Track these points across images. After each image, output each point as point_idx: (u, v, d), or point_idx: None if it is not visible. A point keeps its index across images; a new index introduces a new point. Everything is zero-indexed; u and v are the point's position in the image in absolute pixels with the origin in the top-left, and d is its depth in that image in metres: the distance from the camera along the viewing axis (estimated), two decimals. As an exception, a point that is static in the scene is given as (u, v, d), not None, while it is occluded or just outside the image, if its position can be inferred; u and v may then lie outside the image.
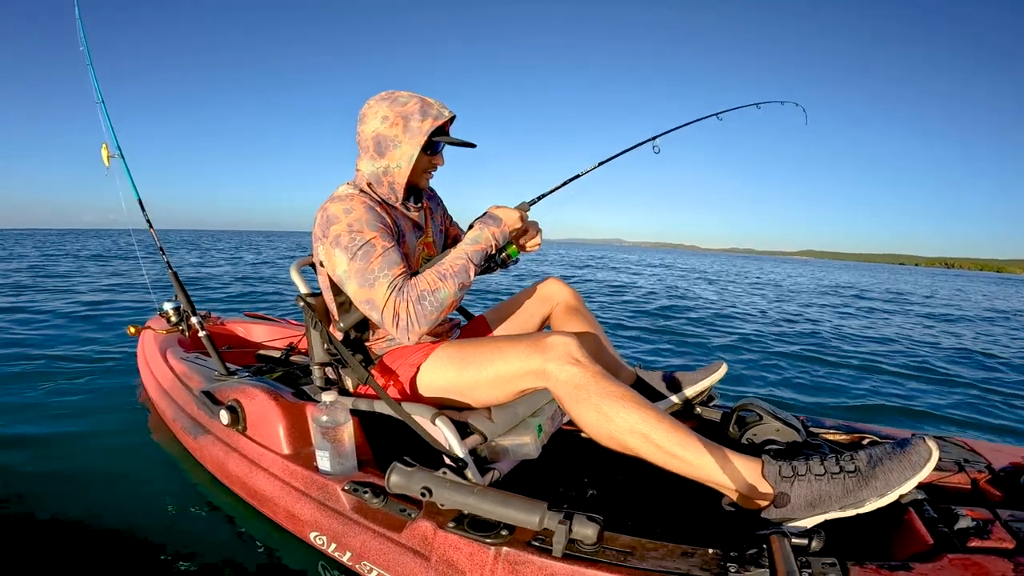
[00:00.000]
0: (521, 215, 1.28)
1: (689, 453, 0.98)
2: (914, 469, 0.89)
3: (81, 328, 3.81)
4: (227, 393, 1.50)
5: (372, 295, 1.11)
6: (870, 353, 4.41)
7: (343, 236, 1.13)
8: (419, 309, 1.09)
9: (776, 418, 1.35)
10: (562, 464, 1.51)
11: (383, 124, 1.20)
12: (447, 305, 1.13)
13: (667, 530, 1.23)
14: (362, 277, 1.11)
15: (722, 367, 1.52)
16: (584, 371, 1.05)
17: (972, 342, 5.52)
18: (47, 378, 2.61)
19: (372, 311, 1.12)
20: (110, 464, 1.76)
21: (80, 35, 1.82)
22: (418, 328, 1.10)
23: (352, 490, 1.13)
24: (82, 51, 1.83)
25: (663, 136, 1.50)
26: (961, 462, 1.19)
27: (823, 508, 0.91)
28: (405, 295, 1.10)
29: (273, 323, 2.52)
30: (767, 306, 7.95)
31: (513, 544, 0.91)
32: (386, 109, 1.20)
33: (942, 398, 3.16)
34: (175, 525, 1.43)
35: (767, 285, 13.57)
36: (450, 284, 1.13)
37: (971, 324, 7.45)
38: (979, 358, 4.57)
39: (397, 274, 1.11)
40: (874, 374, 3.68)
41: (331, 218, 1.15)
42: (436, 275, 1.13)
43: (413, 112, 1.19)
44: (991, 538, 0.87)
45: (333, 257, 1.15)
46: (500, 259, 1.30)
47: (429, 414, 1.15)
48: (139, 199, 1.96)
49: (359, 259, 1.11)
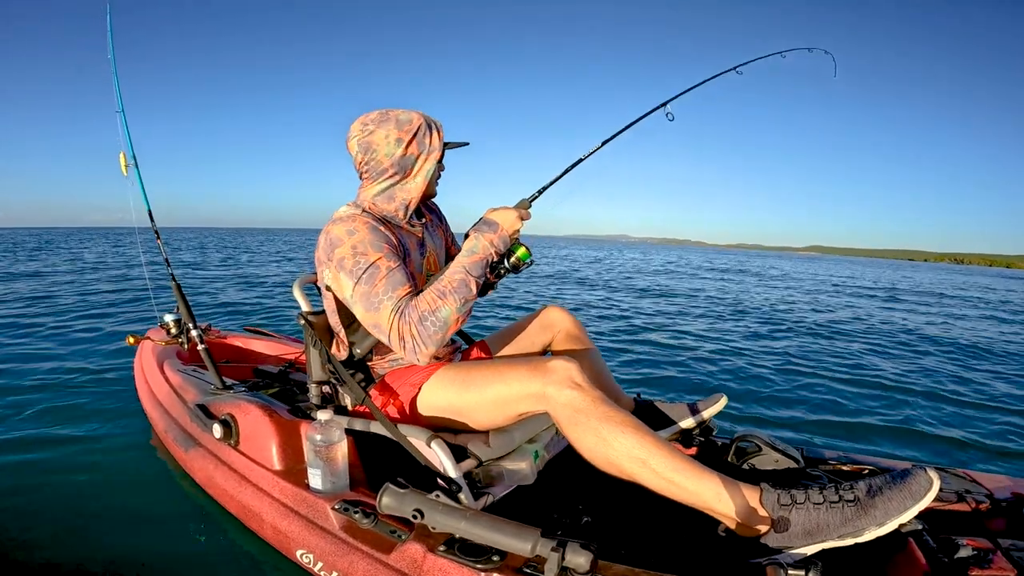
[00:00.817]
0: (520, 214, 1.23)
1: (687, 480, 0.97)
2: (914, 499, 0.88)
3: (80, 336, 3.80)
4: (221, 407, 1.49)
5: (378, 319, 1.09)
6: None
7: (347, 259, 1.11)
8: (422, 331, 1.06)
9: (775, 449, 1.33)
10: (557, 490, 1.49)
11: (399, 147, 1.20)
12: (451, 323, 1.08)
13: (663, 559, 1.20)
14: (367, 301, 1.09)
15: (722, 399, 1.51)
16: (584, 395, 1.04)
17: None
18: (43, 386, 2.61)
19: (380, 335, 1.10)
20: (99, 474, 1.74)
21: (109, 45, 1.87)
22: (426, 349, 1.07)
23: (343, 509, 1.12)
24: (109, 60, 1.87)
25: (677, 99, 1.36)
26: (962, 492, 1.17)
27: (821, 537, 0.89)
28: (407, 317, 1.06)
29: (273, 339, 2.51)
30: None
31: (504, 571, 0.89)
32: (395, 131, 1.20)
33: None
34: (159, 538, 1.41)
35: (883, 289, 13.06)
36: (450, 301, 1.08)
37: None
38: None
39: (401, 296, 1.09)
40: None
41: (334, 241, 1.14)
42: (435, 294, 1.10)
43: (422, 128, 1.21)
44: (992, 567, 0.86)
45: (339, 280, 1.14)
46: (510, 264, 1.23)
47: (424, 436, 1.13)
48: (149, 210, 1.98)
49: (364, 282, 1.10)
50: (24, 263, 10.04)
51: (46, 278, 7.44)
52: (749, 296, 9.44)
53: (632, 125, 1.34)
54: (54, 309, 4.87)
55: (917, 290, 14.03)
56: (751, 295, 9.68)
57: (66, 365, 3.03)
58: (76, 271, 8.68)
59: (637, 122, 1.35)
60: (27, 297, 5.63)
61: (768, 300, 8.86)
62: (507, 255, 1.22)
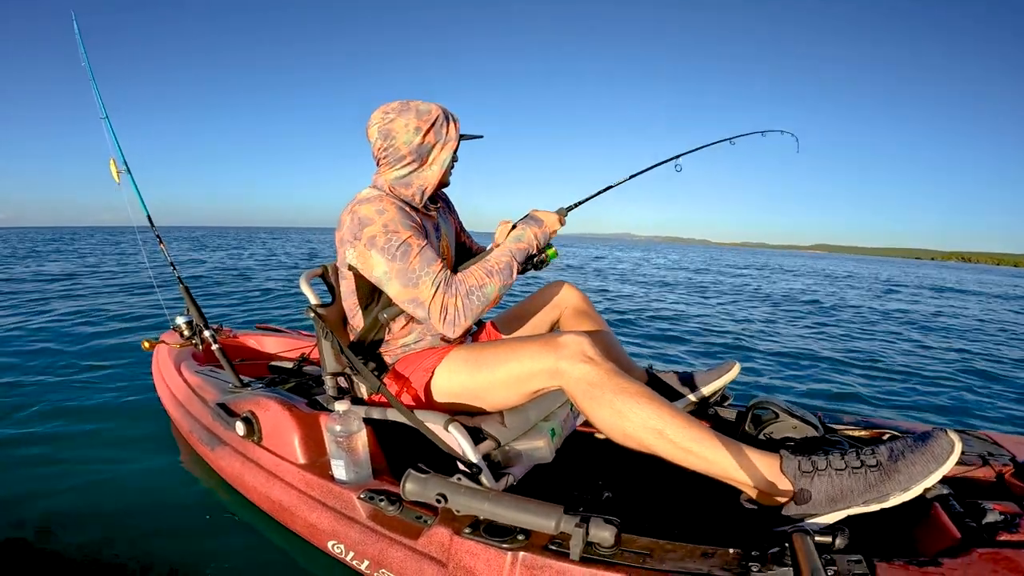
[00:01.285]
0: (560, 218, 1.35)
1: (705, 449, 0.97)
2: (937, 462, 0.87)
3: (95, 340, 3.85)
4: (242, 405, 1.50)
5: (417, 293, 1.12)
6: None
7: (379, 237, 1.13)
8: (467, 304, 1.13)
9: (792, 415, 1.33)
10: (576, 467, 1.50)
11: (417, 135, 1.22)
12: (491, 300, 1.17)
13: (685, 530, 1.22)
14: (404, 277, 1.12)
15: (735, 367, 1.51)
16: (597, 368, 1.05)
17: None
18: (62, 392, 2.65)
19: (417, 308, 1.14)
20: (128, 476, 1.77)
21: (81, 52, 1.84)
22: (464, 322, 1.13)
23: (368, 498, 1.13)
24: (84, 67, 1.84)
25: (684, 156, 1.62)
26: (985, 455, 1.16)
27: (845, 503, 0.89)
28: (454, 290, 1.13)
29: (284, 334, 2.53)
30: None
31: (530, 549, 0.91)
32: (414, 120, 1.22)
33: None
34: (193, 535, 1.44)
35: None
36: (496, 280, 1.17)
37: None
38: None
39: (438, 270, 1.13)
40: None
41: (364, 220, 1.15)
42: (484, 271, 1.17)
43: (440, 119, 1.25)
44: (1020, 531, 0.85)
45: (370, 259, 1.15)
46: (539, 259, 1.33)
47: (442, 421, 1.14)
48: (148, 215, 1.97)
49: (399, 259, 1.12)
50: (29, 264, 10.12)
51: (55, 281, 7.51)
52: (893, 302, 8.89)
53: (651, 169, 1.58)
54: (65, 313, 4.93)
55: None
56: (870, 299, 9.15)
57: (80, 370, 3.07)
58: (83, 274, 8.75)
59: (655, 167, 1.59)
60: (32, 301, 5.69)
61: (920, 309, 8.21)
62: (540, 251, 1.33)
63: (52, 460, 1.89)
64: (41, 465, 1.85)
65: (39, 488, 1.69)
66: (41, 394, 2.64)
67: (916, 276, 21.78)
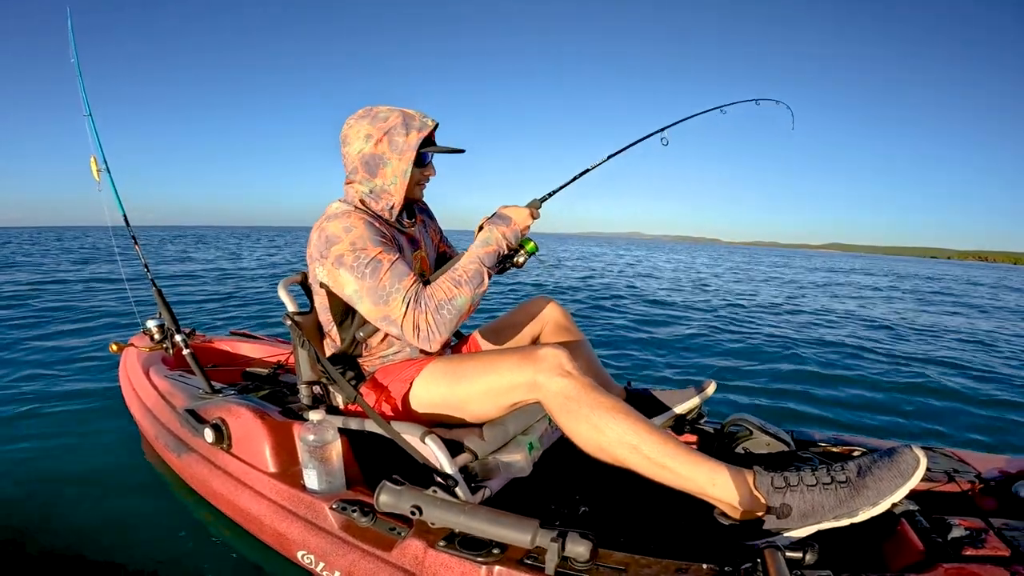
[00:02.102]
0: (531, 212, 1.27)
1: (680, 465, 0.98)
2: (903, 477, 0.89)
3: (61, 344, 3.72)
4: (212, 411, 1.47)
5: (388, 311, 1.09)
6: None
7: (347, 256, 1.11)
8: (439, 319, 1.09)
9: (766, 432, 1.35)
10: (553, 481, 1.50)
11: (368, 143, 1.19)
12: (464, 311, 1.12)
13: (661, 546, 1.22)
14: (375, 295, 1.09)
15: (711, 385, 1.53)
16: (574, 383, 1.05)
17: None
18: (27, 395, 2.55)
19: (390, 326, 1.10)
20: (92, 484, 1.72)
21: (72, 48, 1.82)
22: (439, 337, 1.10)
23: (340, 508, 1.11)
24: (73, 63, 1.82)
25: (671, 128, 1.50)
26: (951, 472, 1.20)
27: (816, 519, 0.91)
28: (423, 306, 1.09)
29: (259, 341, 2.48)
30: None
31: (505, 563, 0.90)
32: (368, 127, 1.19)
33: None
34: (159, 544, 1.40)
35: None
36: (466, 290, 1.12)
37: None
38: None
39: (409, 285, 1.10)
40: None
41: (331, 238, 1.13)
42: (451, 282, 1.12)
43: (396, 126, 1.18)
44: (985, 547, 0.88)
45: (339, 277, 1.13)
46: (517, 257, 1.28)
47: (418, 432, 1.13)
48: (124, 214, 1.93)
49: (368, 277, 1.09)
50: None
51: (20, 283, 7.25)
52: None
53: (633, 145, 1.47)
54: (31, 314, 4.75)
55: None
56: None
57: (48, 374, 2.96)
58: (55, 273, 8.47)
59: (637, 143, 1.48)
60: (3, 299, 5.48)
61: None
62: (516, 249, 1.27)
63: (9, 465, 1.82)
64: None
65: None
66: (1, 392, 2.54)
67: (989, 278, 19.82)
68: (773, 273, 15.89)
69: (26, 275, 8.22)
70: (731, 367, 3.73)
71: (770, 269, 18.52)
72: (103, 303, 5.54)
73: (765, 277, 13.71)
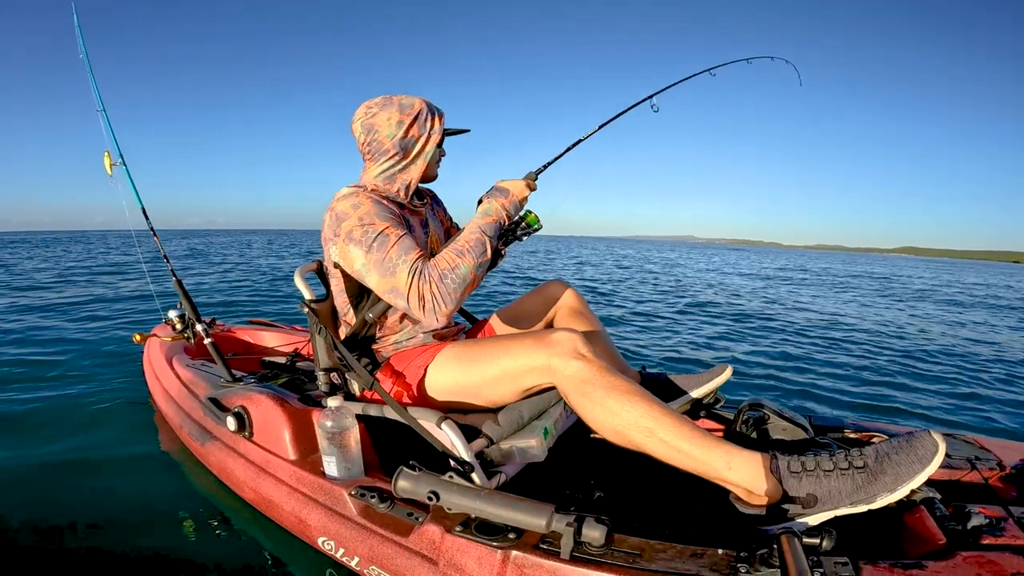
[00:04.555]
0: (528, 183, 1.30)
1: (695, 448, 0.98)
2: (922, 463, 0.88)
3: (87, 335, 3.82)
4: (233, 399, 1.50)
5: (395, 282, 1.10)
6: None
7: (355, 230, 1.13)
8: (443, 288, 1.09)
9: (783, 417, 1.34)
10: (568, 466, 1.51)
11: (400, 129, 1.23)
12: (469, 281, 1.13)
13: (676, 531, 1.22)
14: (382, 267, 1.11)
15: (727, 369, 1.52)
16: (589, 366, 1.05)
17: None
18: (53, 386, 2.63)
19: (397, 298, 1.12)
20: (117, 471, 1.77)
21: (80, 44, 1.84)
22: (445, 308, 1.10)
23: (359, 495, 1.13)
24: (82, 59, 1.84)
25: (660, 94, 1.50)
26: (972, 459, 1.18)
27: (833, 504, 0.90)
28: (427, 276, 1.09)
29: (278, 329, 2.52)
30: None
31: (521, 547, 0.91)
32: (397, 114, 1.23)
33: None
34: (183, 531, 1.44)
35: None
36: (468, 259, 1.13)
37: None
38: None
39: (415, 258, 1.11)
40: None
41: (340, 215, 1.16)
42: (454, 252, 1.14)
43: (423, 112, 1.25)
44: (1005, 535, 0.86)
45: (349, 253, 1.15)
46: (521, 229, 1.31)
47: (434, 418, 1.14)
48: (142, 207, 1.97)
49: (375, 250, 1.11)
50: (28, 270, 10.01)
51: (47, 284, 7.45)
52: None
53: (623, 114, 1.48)
54: (57, 309, 4.89)
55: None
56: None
57: (72, 363, 3.05)
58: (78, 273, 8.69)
59: (627, 111, 1.48)
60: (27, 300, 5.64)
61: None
62: (518, 221, 1.30)
63: (37, 455, 1.88)
64: (25, 460, 1.83)
65: (23, 484, 1.68)
66: (29, 385, 2.62)
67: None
68: (913, 285, 13.36)
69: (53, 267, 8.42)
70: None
71: (894, 282, 14.82)
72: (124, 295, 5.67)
73: (913, 293, 11.18)
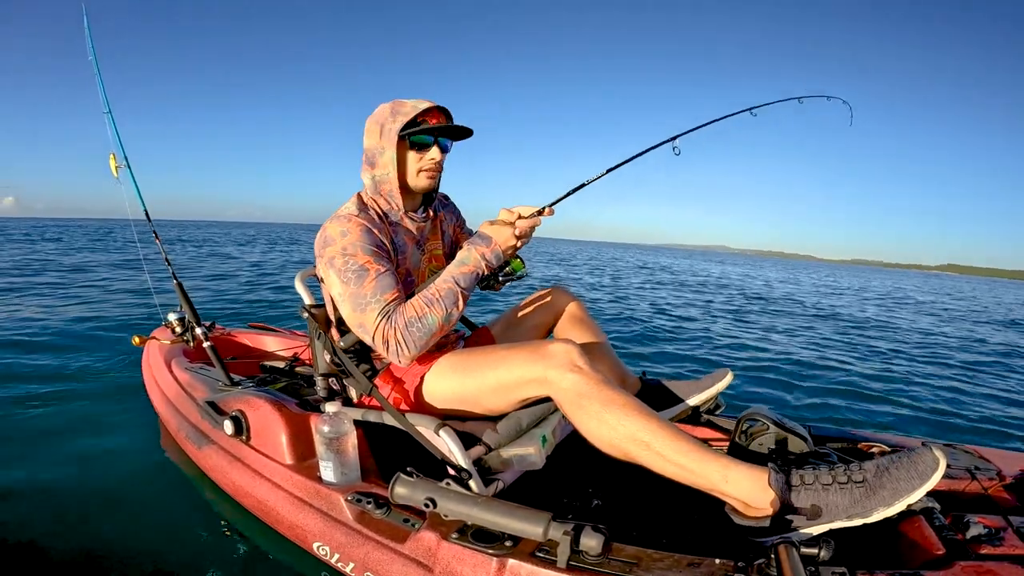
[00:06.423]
0: (514, 232, 1.18)
1: (692, 462, 0.98)
2: (921, 479, 0.88)
3: (85, 337, 3.82)
4: (231, 403, 1.50)
5: (364, 320, 1.11)
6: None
7: (337, 259, 1.14)
8: (407, 335, 1.09)
9: (782, 427, 1.33)
10: (566, 474, 1.50)
11: (368, 138, 1.23)
12: (435, 330, 1.12)
13: (673, 540, 1.22)
14: (355, 301, 1.12)
15: (727, 375, 1.51)
16: (586, 379, 1.04)
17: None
18: (52, 387, 2.62)
19: (364, 335, 1.13)
20: (113, 474, 1.76)
21: (89, 46, 1.85)
22: (408, 353, 1.10)
23: (355, 500, 1.13)
24: (91, 61, 1.86)
25: (684, 136, 1.35)
26: (971, 469, 1.17)
27: (829, 518, 0.90)
28: (393, 323, 1.09)
29: (277, 333, 2.52)
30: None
31: (517, 555, 0.90)
32: (370, 123, 1.23)
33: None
34: (177, 534, 1.43)
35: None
36: (437, 310, 1.11)
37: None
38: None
39: (389, 300, 1.11)
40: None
41: (328, 239, 1.16)
42: (424, 301, 1.12)
43: (386, 116, 1.20)
44: (1004, 545, 0.86)
45: (329, 277, 1.16)
46: (503, 276, 1.29)
47: (433, 425, 1.14)
48: (145, 210, 1.98)
49: (352, 283, 1.12)
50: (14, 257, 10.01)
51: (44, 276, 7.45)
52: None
53: (638, 156, 1.32)
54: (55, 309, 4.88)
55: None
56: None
57: (70, 365, 3.04)
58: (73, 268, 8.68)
59: (644, 153, 1.33)
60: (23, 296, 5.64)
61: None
62: (500, 268, 1.26)
63: (33, 456, 1.87)
64: (21, 463, 1.83)
65: (18, 487, 1.67)
66: (26, 386, 2.62)
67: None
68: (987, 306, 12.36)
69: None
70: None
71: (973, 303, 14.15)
72: (124, 298, 5.68)
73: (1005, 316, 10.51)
